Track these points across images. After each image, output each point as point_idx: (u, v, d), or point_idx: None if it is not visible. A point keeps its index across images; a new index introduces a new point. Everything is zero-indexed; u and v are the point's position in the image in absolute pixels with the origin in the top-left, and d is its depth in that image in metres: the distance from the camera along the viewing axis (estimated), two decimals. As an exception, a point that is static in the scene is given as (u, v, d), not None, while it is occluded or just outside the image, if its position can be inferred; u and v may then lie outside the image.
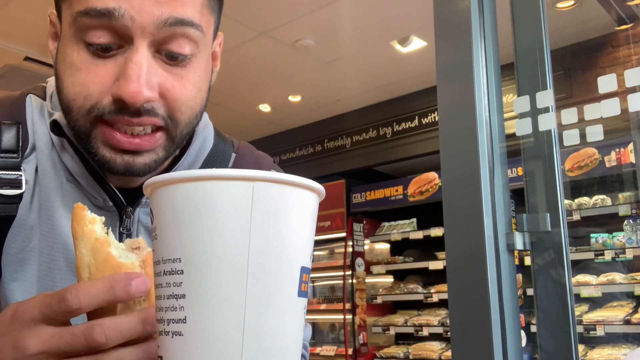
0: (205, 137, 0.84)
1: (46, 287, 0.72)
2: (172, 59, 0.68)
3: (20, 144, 0.75)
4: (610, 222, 4.03)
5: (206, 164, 0.84)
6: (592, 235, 4.03)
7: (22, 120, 0.76)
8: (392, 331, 5.21)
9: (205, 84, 0.74)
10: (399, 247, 5.62)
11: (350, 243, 5.43)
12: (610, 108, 0.98)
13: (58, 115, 0.73)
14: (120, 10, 0.63)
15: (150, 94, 0.66)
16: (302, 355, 0.93)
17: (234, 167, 0.87)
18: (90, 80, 0.66)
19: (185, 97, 0.70)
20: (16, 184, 0.72)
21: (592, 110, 1.00)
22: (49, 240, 0.74)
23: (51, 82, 0.82)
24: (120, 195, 0.76)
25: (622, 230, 3.91)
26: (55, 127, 0.73)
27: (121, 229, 0.76)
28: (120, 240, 0.75)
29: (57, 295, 0.51)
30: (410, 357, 4.99)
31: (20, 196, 0.73)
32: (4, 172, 0.72)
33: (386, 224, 5.60)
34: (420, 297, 5.10)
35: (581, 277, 3.93)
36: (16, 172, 0.73)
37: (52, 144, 0.77)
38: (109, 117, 0.67)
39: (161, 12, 0.64)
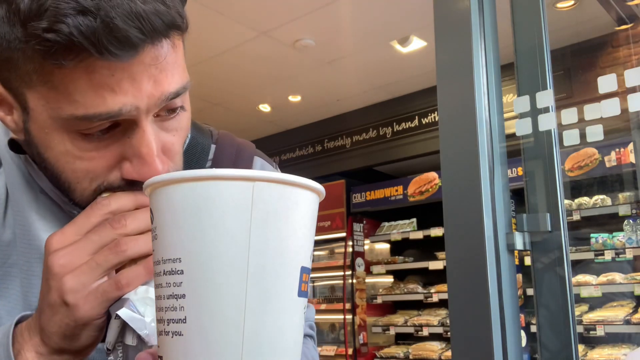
0: None
1: (30, 302, 0.71)
2: (167, 118, 0.65)
3: None
4: (610, 222, 4.02)
5: (184, 158, 0.79)
6: (592, 235, 4.03)
7: None
8: (392, 331, 5.21)
9: (189, 127, 0.71)
10: (399, 247, 5.62)
11: (350, 243, 5.43)
12: (610, 108, 0.98)
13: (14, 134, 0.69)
14: (125, 107, 0.57)
15: (165, 166, 0.63)
16: (310, 335, 0.91)
17: (214, 158, 0.84)
18: (94, 167, 0.62)
19: (179, 146, 0.67)
20: None
21: (592, 110, 1.00)
22: (26, 256, 0.72)
23: None
24: None
25: (622, 230, 3.91)
26: (12, 145, 0.70)
27: None
28: None
29: None
30: (410, 357, 4.99)
31: None
32: None
33: (386, 224, 5.60)
34: (420, 297, 5.10)
35: (581, 277, 3.93)
36: None
37: (18, 156, 0.73)
38: (117, 190, 0.64)
39: (160, 92, 0.60)
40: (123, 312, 0.55)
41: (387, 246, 5.82)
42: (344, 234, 5.48)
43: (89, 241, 0.58)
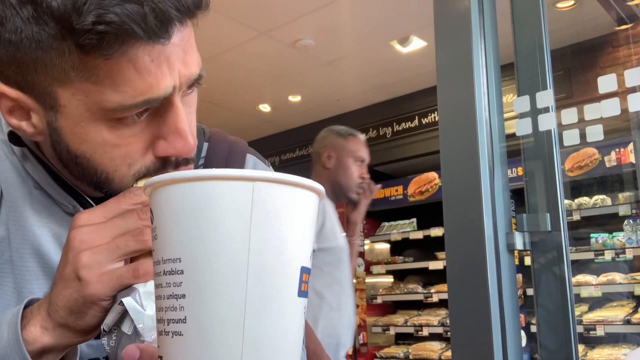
0: None
1: (24, 298, 0.69)
2: (187, 92, 0.68)
3: None
4: (610, 222, 4.02)
5: None
6: (592, 235, 4.03)
7: None
8: (392, 331, 5.21)
9: None
10: (399, 247, 5.62)
11: (350, 243, 5.43)
12: (610, 108, 0.98)
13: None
14: (168, 90, 0.61)
15: (195, 141, 0.66)
16: None
17: (207, 156, 0.84)
18: (132, 151, 0.64)
19: (195, 122, 0.71)
20: None
21: (592, 110, 1.00)
22: (20, 252, 0.72)
23: None
24: (91, 201, 0.74)
25: (622, 230, 3.91)
26: (13, 137, 0.70)
27: None
28: None
29: None
30: (410, 357, 4.99)
31: None
32: None
33: (386, 224, 5.60)
34: (420, 297, 5.10)
35: (581, 277, 3.93)
36: None
37: (12, 151, 0.74)
38: (154, 174, 0.65)
39: (190, 72, 0.64)
40: (127, 301, 0.55)
41: (387, 246, 5.81)
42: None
43: (114, 225, 0.58)
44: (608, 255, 3.88)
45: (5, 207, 0.72)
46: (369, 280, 5.56)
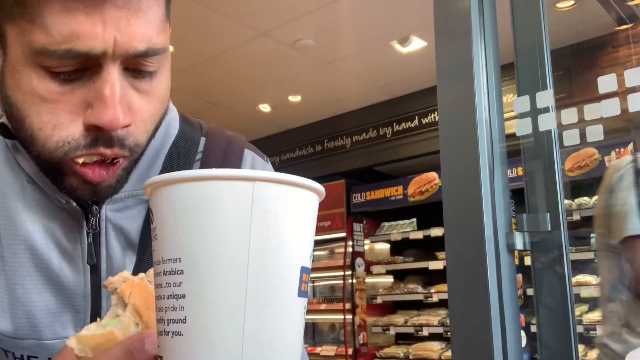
0: (169, 122, 0.80)
1: (18, 296, 0.70)
2: (139, 76, 0.66)
3: None
4: (611, 222, 4.02)
5: (172, 151, 0.80)
6: (592, 235, 4.02)
7: None
8: (392, 331, 5.21)
9: (168, 94, 0.71)
10: (399, 247, 5.62)
11: (350, 243, 5.43)
12: (610, 108, 0.98)
13: (5, 118, 0.69)
14: (95, 49, 0.59)
15: (127, 119, 0.63)
16: None
17: (204, 151, 0.82)
18: (58, 110, 0.62)
19: (150, 113, 0.68)
20: None
21: (592, 110, 1.00)
22: (12, 248, 0.71)
23: None
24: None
25: (622, 230, 3.90)
26: (3, 129, 0.70)
27: (87, 229, 0.73)
28: (88, 239, 0.73)
29: None
30: (410, 357, 4.99)
31: None
32: None
33: (386, 224, 5.60)
34: (420, 297, 5.10)
35: (581, 277, 3.93)
36: None
37: (5, 145, 0.73)
38: (84, 151, 0.63)
39: (133, 47, 0.61)
40: None
41: (387, 246, 5.82)
42: (344, 234, 5.48)
43: None
44: (608, 255, 3.87)
45: None
46: (369, 280, 5.56)
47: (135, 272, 0.56)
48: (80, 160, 0.64)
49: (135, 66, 0.64)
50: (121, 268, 0.74)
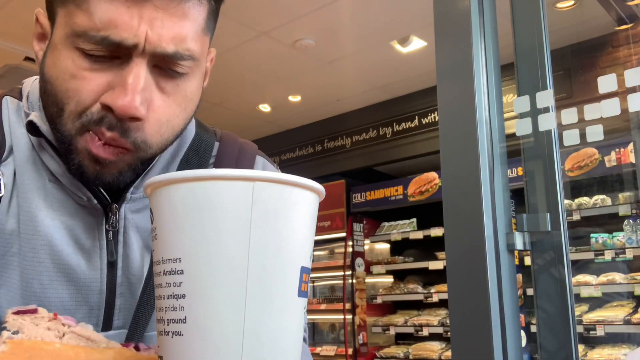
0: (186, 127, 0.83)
1: (34, 291, 0.71)
2: (166, 75, 0.69)
3: None
4: (610, 222, 4.02)
5: (189, 155, 0.83)
6: (592, 235, 4.03)
7: None
8: (392, 331, 5.21)
9: (193, 104, 0.74)
10: (399, 247, 5.62)
11: (350, 243, 5.43)
12: (610, 108, 0.98)
13: (34, 115, 0.72)
14: (128, 40, 0.64)
15: (142, 111, 0.66)
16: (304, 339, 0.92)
17: (217, 155, 0.86)
18: (84, 87, 0.66)
19: (168, 116, 0.70)
20: None
21: (592, 110, 1.00)
22: (32, 243, 0.72)
23: (27, 83, 0.81)
24: (105, 193, 0.75)
25: (622, 230, 3.91)
26: (32, 127, 0.73)
27: (107, 227, 0.75)
28: (107, 237, 0.75)
29: None
30: (410, 357, 4.99)
31: None
32: None
33: (386, 224, 5.60)
34: (420, 297, 5.10)
35: (581, 277, 3.93)
36: None
37: (32, 144, 0.75)
38: (93, 126, 0.67)
39: (161, 47, 0.65)
40: None
41: (387, 246, 5.82)
42: (344, 234, 5.48)
43: None
44: (608, 255, 3.88)
45: (19, 199, 0.73)
46: (369, 280, 5.56)
47: (150, 272, 0.56)
48: (90, 131, 0.68)
49: (164, 64, 0.68)
50: (138, 266, 0.77)
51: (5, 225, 0.72)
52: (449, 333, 2.73)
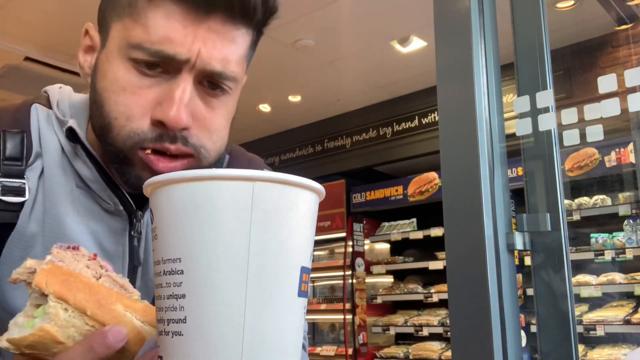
0: None
1: None
2: (210, 93, 0.73)
3: (25, 152, 0.76)
4: (610, 222, 4.02)
5: (202, 166, 0.85)
6: (592, 235, 4.03)
7: (27, 128, 0.78)
8: (392, 331, 5.21)
9: (230, 120, 0.79)
10: (399, 247, 5.62)
11: (350, 243, 5.43)
12: (610, 108, 0.98)
13: (73, 122, 0.75)
14: (181, 55, 0.68)
15: (189, 121, 0.70)
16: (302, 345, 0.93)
17: (227, 166, 0.90)
18: (134, 102, 0.70)
19: (215, 127, 0.75)
20: (19, 191, 0.73)
21: (592, 110, 1.00)
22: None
23: (52, 91, 0.83)
24: (131, 200, 0.78)
25: (622, 230, 3.91)
26: (71, 133, 0.75)
27: (132, 233, 0.78)
28: (132, 242, 0.78)
29: None
30: (410, 357, 4.99)
31: (21, 204, 0.73)
32: (7, 180, 0.73)
33: (386, 224, 5.60)
34: (420, 297, 5.10)
35: (581, 277, 3.93)
36: (20, 180, 0.74)
37: (61, 150, 0.78)
38: (150, 144, 0.70)
39: (211, 65, 0.70)
40: None
41: (387, 246, 5.81)
42: (344, 234, 5.48)
43: None
44: (608, 255, 3.88)
45: (42, 204, 0.75)
46: (369, 280, 5.56)
47: None
48: (149, 151, 0.71)
49: (210, 79, 0.72)
50: None
51: (27, 228, 0.74)
52: (449, 333, 2.73)
